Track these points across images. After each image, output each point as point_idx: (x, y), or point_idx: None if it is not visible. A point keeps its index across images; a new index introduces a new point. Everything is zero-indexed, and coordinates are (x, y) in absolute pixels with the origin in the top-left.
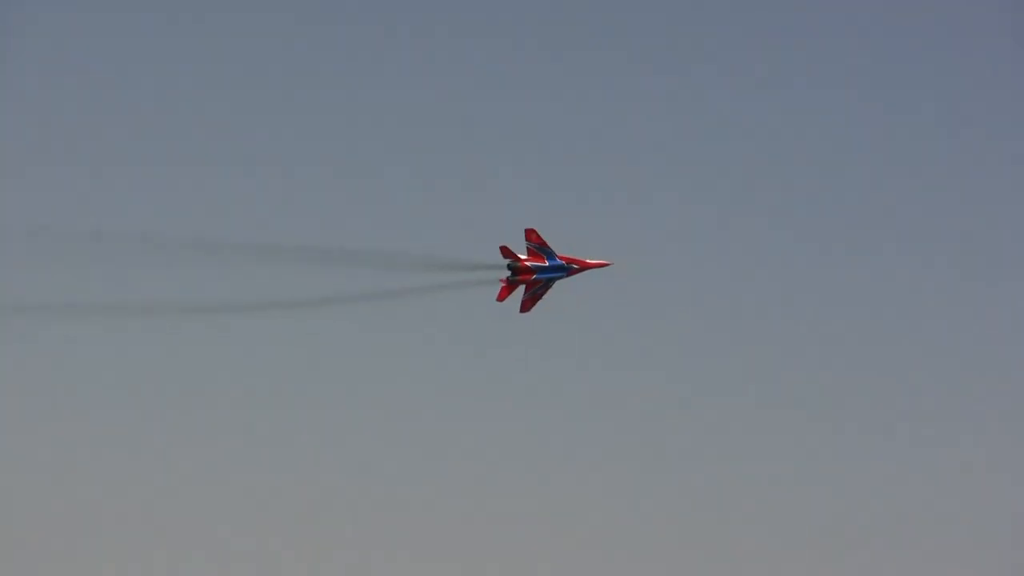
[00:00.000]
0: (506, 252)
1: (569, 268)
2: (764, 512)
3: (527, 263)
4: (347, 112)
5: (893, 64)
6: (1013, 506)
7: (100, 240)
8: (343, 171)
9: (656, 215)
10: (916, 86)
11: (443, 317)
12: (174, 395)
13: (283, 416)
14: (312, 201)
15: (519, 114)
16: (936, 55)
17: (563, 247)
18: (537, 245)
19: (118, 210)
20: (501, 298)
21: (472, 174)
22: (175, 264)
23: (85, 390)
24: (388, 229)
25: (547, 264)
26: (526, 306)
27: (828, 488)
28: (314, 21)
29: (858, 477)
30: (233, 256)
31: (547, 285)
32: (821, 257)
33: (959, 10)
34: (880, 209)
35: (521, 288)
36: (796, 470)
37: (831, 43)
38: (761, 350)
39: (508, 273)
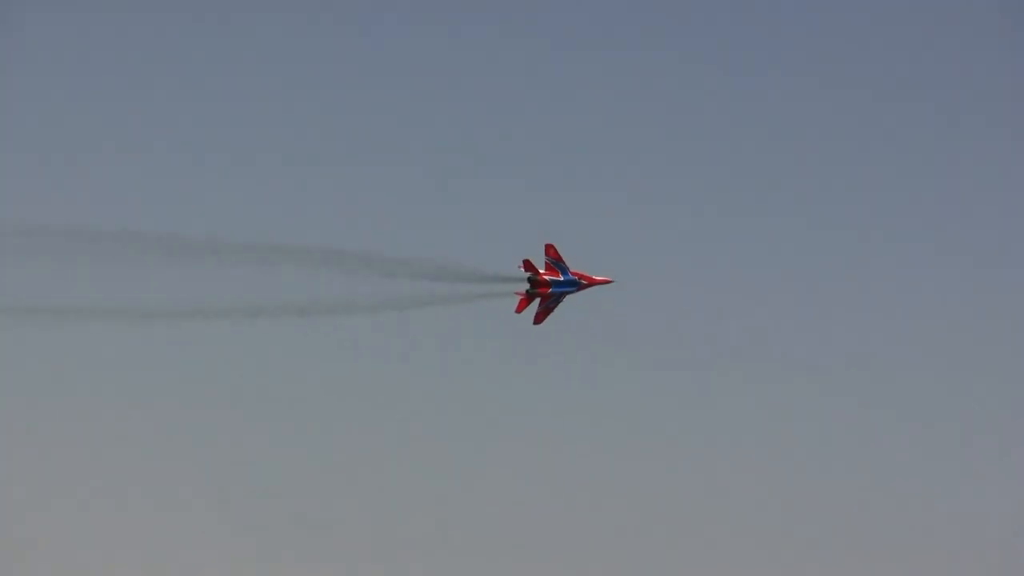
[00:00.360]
0: (528, 266)
1: (579, 283)
2: (768, 522)
3: (545, 277)
4: (369, 120)
5: (898, 68)
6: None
7: (119, 241)
8: (366, 179)
9: (658, 230)
10: (918, 89)
11: (465, 327)
12: (181, 402)
13: (296, 422)
14: (340, 208)
15: (536, 124)
16: (935, 55)
17: (569, 261)
18: (554, 260)
19: (135, 211)
20: (519, 310)
21: (482, 184)
22: (187, 267)
23: (75, 395)
24: (399, 237)
25: (562, 279)
26: (540, 318)
27: (832, 497)
28: (336, 24)
29: (861, 488)
30: (245, 261)
31: (558, 299)
32: (825, 268)
33: (959, 10)
34: (887, 218)
35: (536, 300)
36: (799, 478)
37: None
38: (762, 359)
39: (527, 286)
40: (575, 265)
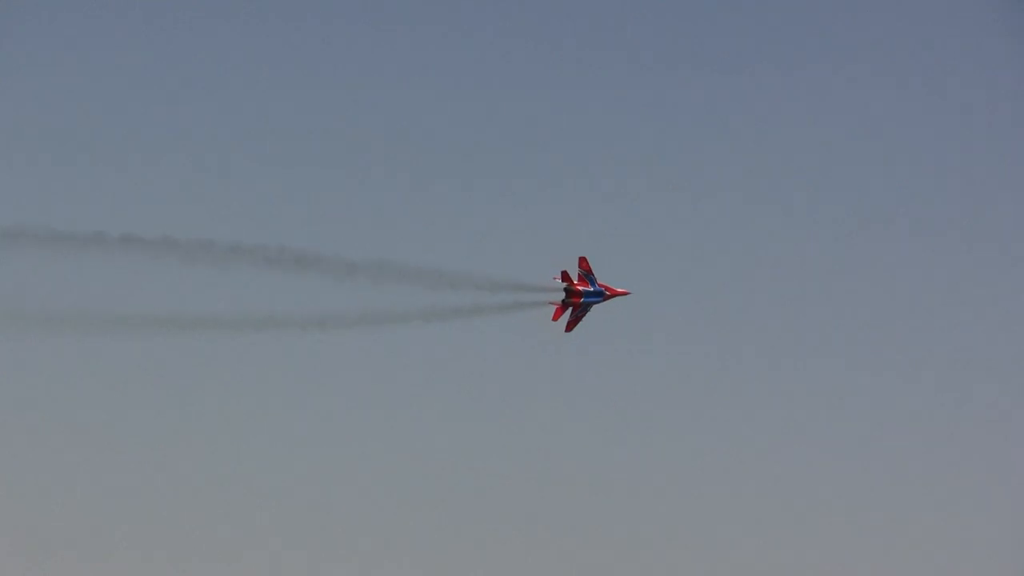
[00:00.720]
0: (565, 277)
1: (604, 294)
2: (778, 530)
3: (579, 287)
4: (408, 132)
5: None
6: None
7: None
8: (408, 195)
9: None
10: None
11: (508, 334)
12: (208, 412)
13: (335, 432)
14: (390, 220)
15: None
16: (934, 55)
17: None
18: (585, 272)
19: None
20: (555, 318)
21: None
22: (222, 277)
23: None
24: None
25: (591, 290)
26: (570, 326)
27: (836, 506)
28: (372, 39)
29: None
30: (283, 270)
31: (587, 308)
32: (835, 273)
33: (959, 10)
34: (894, 227)
35: (569, 309)
36: (806, 486)
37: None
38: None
39: (563, 296)
40: (600, 277)
